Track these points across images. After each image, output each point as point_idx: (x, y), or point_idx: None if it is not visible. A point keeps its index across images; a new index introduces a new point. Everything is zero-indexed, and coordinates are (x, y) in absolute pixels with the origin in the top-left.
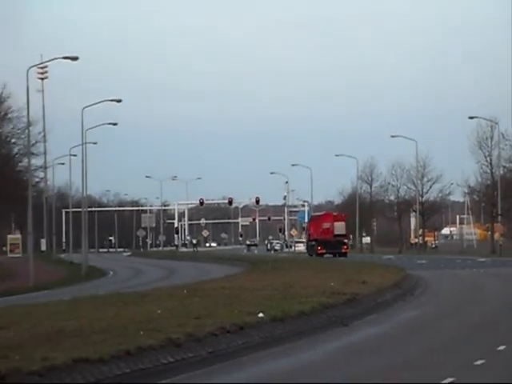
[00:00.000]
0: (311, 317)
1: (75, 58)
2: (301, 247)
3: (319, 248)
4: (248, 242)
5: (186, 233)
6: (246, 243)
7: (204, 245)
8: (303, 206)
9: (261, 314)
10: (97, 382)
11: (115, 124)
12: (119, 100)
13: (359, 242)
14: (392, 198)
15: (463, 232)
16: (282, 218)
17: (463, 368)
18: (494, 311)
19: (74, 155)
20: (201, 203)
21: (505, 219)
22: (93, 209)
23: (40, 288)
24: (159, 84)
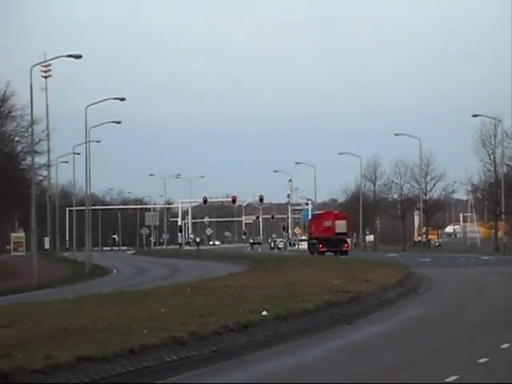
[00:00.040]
0: (315, 315)
1: (79, 57)
2: (304, 245)
3: (320, 246)
4: (251, 240)
5: (190, 231)
6: (250, 241)
7: (207, 243)
8: (307, 205)
9: (264, 313)
10: (100, 381)
11: (119, 122)
12: (123, 98)
13: (363, 240)
14: (395, 196)
15: (467, 230)
16: (286, 217)
17: (467, 366)
18: (498, 309)
19: (78, 153)
20: (204, 201)
21: (508, 217)
22: (96, 207)
23: (43, 286)
24: (159, 84)
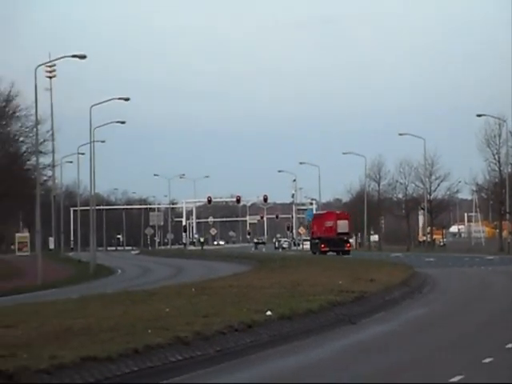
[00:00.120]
0: (319, 315)
1: (83, 57)
2: (309, 245)
3: (322, 246)
4: (256, 240)
5: (194, 231)
6: (254, 241)
7: (212, 243)
8: (311, 204)
9: (269, 312)
10: (105, 381)
11: (123, 122)
12: (127, 98)
13: (367, 240)
14: (400, 196)
15: (471, 230)
16: (290, 216)
17: (471, 366)
18: (503, 309)
19: (82, 153)
20: (209, 201)
21: None
22: (101, 207)
23: (48, 286)
24: (159, 84)
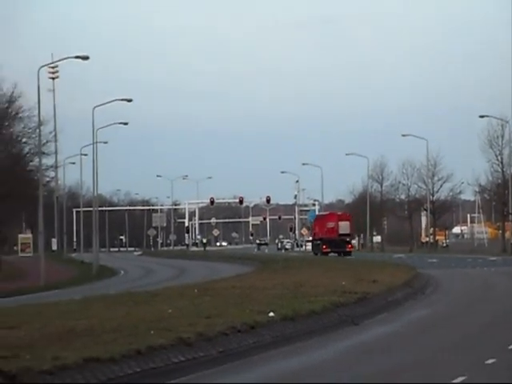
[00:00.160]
0: (322, 316)
1: (86, 58)
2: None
3: (324, 247)
4: (258, 241)
5: (197, 232)
6: (257, 242)
7: (214, 244)
8: (314, 205)
9: (271, 314)
10: (107, 382)
11: (126, 123)
12: (130, 100)
13: (370, 241)
14: (403, 197)
15: (474, 231)
16: (293, 217)
17: (474, 367)
18: (505, 310)
19: (85, 154)
20: (211, 202)
21: None
22: (104, 208)
23: (51, 287)
24: (159, 84)
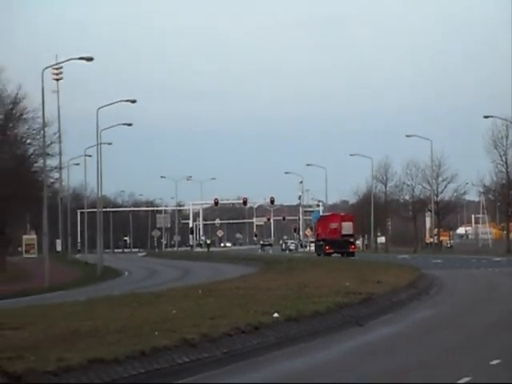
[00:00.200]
0: (326, 316)
1: (90, 59)
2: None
3: (327, 248)
4: (262, 242)
5: (201, 233)
6: (261, 243)
7: (219, 245)
8: (318, 206)
9: (276, 314)
10: (112, 382)
11: (130, 124)
12: (134, 100)
13: (374, 242)
14: (407, 198)
15: (478, 231)
16: (297, 218)
17: (479, 368)
18: (510, 310)
19: (89, 156)
20: (215, 203)
21: None
22: (108, 209)
23: (55, 289)
24: (159, 84)
